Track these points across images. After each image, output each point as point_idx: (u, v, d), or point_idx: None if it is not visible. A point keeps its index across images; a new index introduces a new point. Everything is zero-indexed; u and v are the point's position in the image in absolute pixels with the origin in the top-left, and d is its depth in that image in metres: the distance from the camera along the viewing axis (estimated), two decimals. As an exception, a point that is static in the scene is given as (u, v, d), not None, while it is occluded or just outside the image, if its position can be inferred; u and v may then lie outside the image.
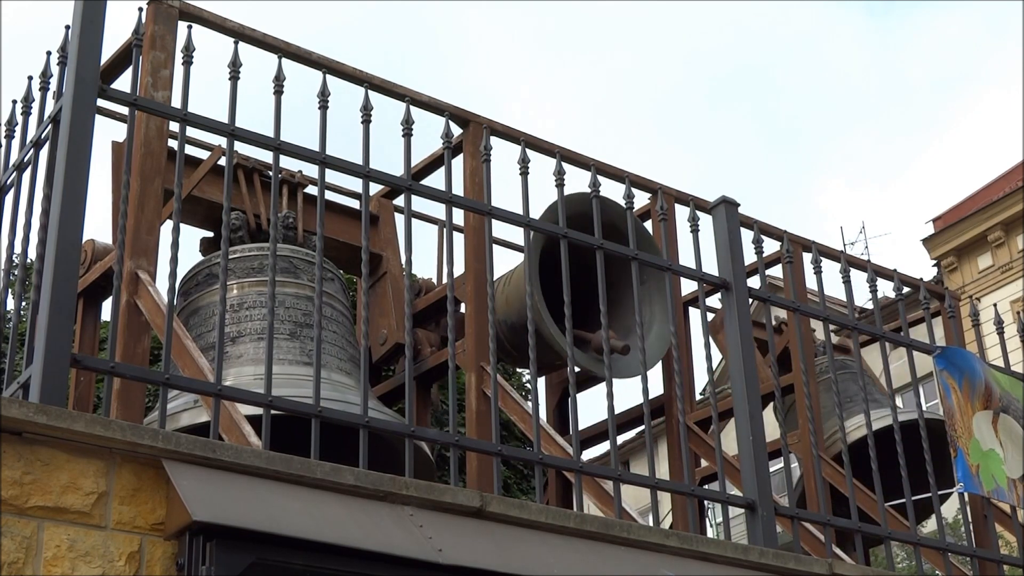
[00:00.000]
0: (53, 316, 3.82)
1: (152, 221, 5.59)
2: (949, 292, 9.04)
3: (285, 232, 6.47)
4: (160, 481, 3.65)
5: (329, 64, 6.14)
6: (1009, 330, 6.40)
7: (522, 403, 6.19)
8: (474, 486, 5.94)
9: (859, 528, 5.37)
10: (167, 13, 5.89)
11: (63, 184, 3.99)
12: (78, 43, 4.19)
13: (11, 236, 4.51)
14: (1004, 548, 9.93)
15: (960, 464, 5.67)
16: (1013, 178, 24.39)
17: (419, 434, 4.49)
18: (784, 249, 5.84)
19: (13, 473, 3.43)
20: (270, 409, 4.20)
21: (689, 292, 7.94)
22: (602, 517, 4.69)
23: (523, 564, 4.01)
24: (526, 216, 4.97)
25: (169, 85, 5.73)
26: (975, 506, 7.30)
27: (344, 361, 6.25)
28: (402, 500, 4.00)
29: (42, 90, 4.57)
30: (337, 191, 7.24)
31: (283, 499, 3.74)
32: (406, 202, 4.80)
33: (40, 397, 3.69)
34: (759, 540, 4.88)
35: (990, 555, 5.84)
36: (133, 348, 5.42)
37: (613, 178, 6.97)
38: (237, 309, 6.11)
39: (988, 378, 5.97)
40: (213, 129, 4.46)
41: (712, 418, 5.22)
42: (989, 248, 24.09)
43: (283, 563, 3.55)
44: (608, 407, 4.93)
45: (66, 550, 3.43)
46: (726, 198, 5.50)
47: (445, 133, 4.97)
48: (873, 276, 5.93)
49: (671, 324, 5.34)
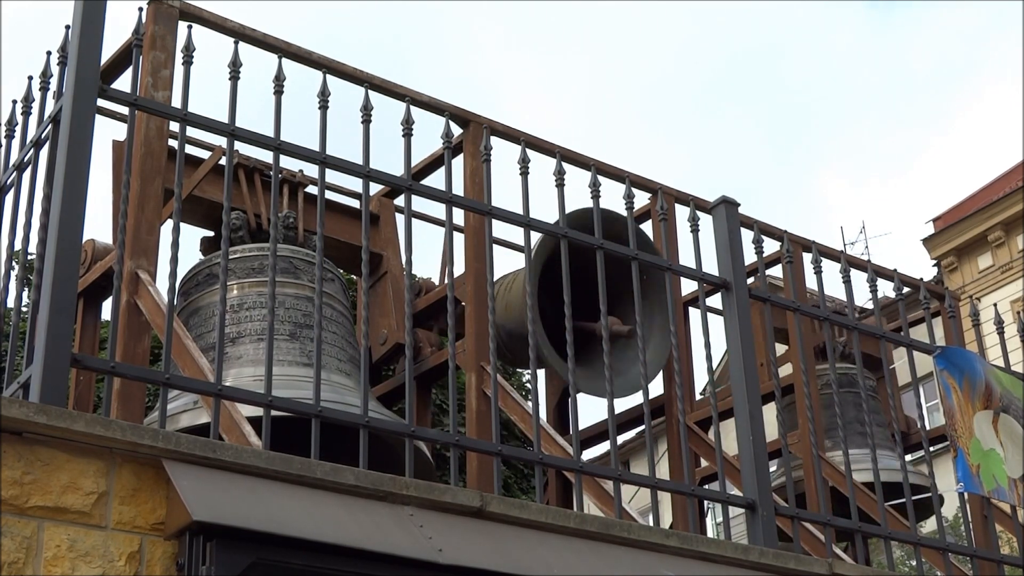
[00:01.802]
0: (53, 316, 3.82)
1: (152, 221, 5.59)
2: (949, 292, 9.04)
3: (285, 232, 6.47)
4: (160, 481, 3.65)
5: (329, 64, 6.14)
6: (1009, 330, 6.40)
7: (522, 403, 6.19)
8: (474, 486, 5.94)
9: (859, 528, 5.37)
10: (167, 13, 5.90)
11: (63, 184, 4.00)
12: (78, 43, 4.19)
13: (11, 236, 4.52)
14: (1005, 548, 9.94)
15: (960, 464, 5.67)
16: (1013, 178, 24.39)
17: (419, 434, 4.49)
18: (784, 249, 5.84)
19: (13, 473, 3.43)
20: (270, 409, 4.20)
21: (689, 292, 7.94)
22: (602, 517, 4.69)
23: (523, 564, 4.01)
24: (526, 216, 4.97)
25: (169, 85, 5.74)
26: (975, 506, 7.30)
27: (344, 362, 6.25)
28: (402, 500, 4.00)
29: (42, 90, 4.58)
30: (337, 191, 7.24)
31: (283, 499, 3.74)
32: (406, 202, 4.80)
33: (40, 397, 3.70)
34: (759, 540, 4.88)
35: (990, 555, 5.84)
36: (133, 348, 5.42)
37: (613, 178, 6.97)
38: (237, 310, 6.11)
39: (989, 377, 5.97)
40: (213, 129, 4.46)
41: (712, 418, 5.22)
42: (989, 248, 24.09)
43: (283, 563, 3.55)
44: (608, 407, 4.93)
45: (66, 550, 3.43)
46: (726, 198, 5.50)
47: (445, 133, 4.98)
48: (873, 276, 5.93)
49: (671, 324, 5.34)
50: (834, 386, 5.63)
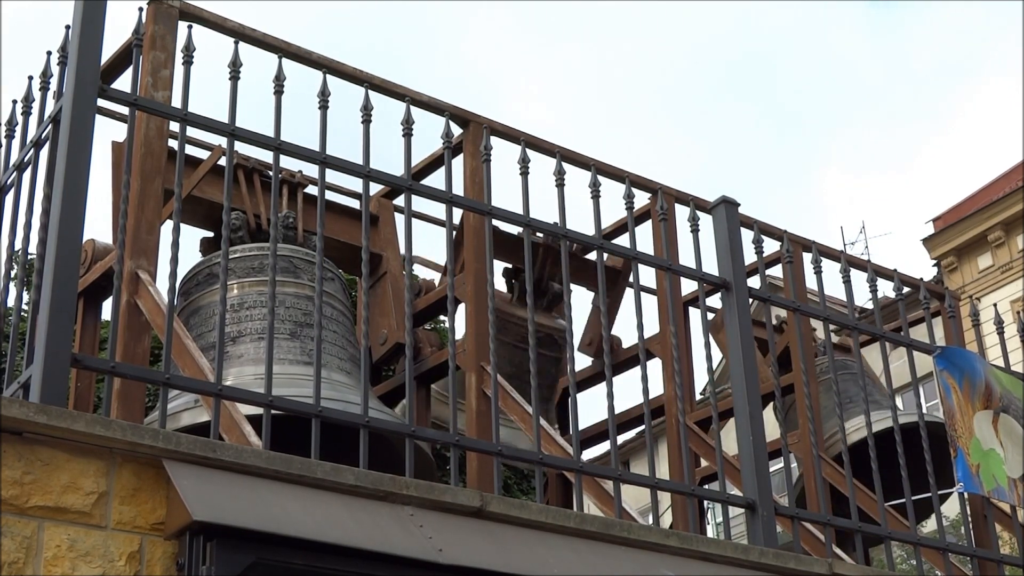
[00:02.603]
0: (53, 316, 3.82)
1: (152, 221, 5.58)
2: (949, 292, 9.03)
3: (285, 232, 6.47)
4: (160, 481, 3.65)
5: (329, 64, 6.14)
6: (1009, 330, 6.40)
7: (522, 403, 6.19)
8: (474, 486, 5.94)
9: (859, 528, 5.37)
10: (167, 13, 5.89)
11: (63, 184, 4.00)
12: (78, 43, 4.19)
13: (11, 236, 4.52)
14: (1005, 547, 9.93)
15: (960, 464, 5.67)
16: (1013, 178, 24.40)
17: (419, 434, 4.49)
18: (784, 249, 5.84)
19: (13, 473, 3.43)
20: (270, 409, 4.20)
21: (689, 292, 7.93)
22: (602, 517, 4.69)
23: (523, 564, 4.01)
24: (526, 216, 4.97)
25: (169, 85, 5.73)
26: (975, 506, 7.29)
27: (344, 361, 6.25)
28: (402, 500, 4.00)
29: (42, 90, 4.58)
30: (337, 191, 7.24)
31: (283, 499, 3.74)
32: (406, 202, 4.80)
33: (40, 397, 3.70)
34: (759, 540, 4.88)
35: (990, 555, 5.84)
36: (133, 348, 5.42)
37: (613, 178, 6.96)
38: (237, 309, 6.10)
39: (989, 377, 5.97)
40: (213, 129, 4.46)
41: (712, 418, 5.22)
42: (989, 248, 24.10)
43: (283, 563, 3.55)
44: (608, 407, 4.93)
45: (66, 550, 3.43)
46: (726, 198, 5.50)
47: (445, 133, 4.98)
48: (873, 276, 5.93)
49: (671, 324, 5.34)
50: (832, 372, 5.63)
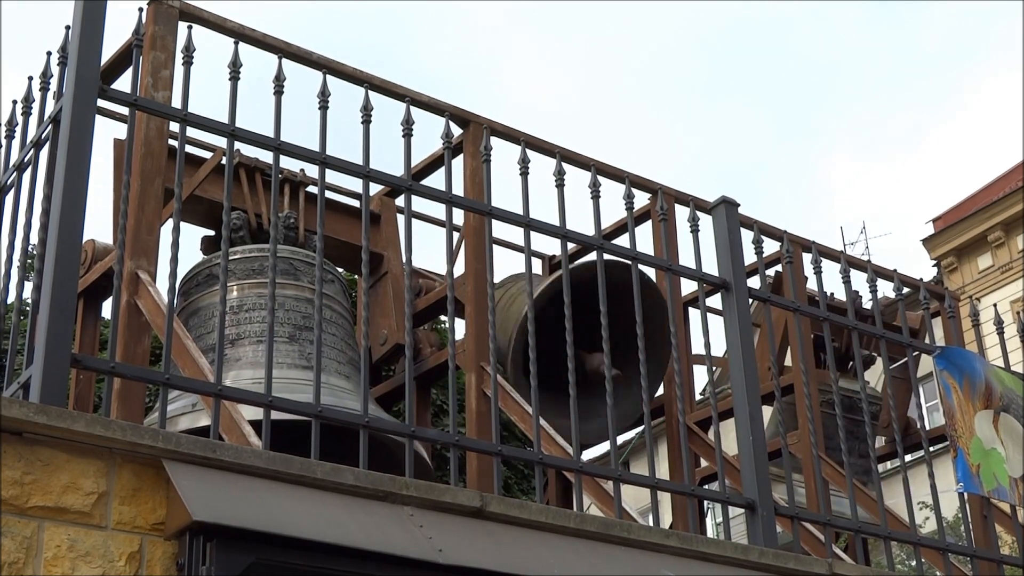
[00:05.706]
0: (53, 316, 3.82)
1: (152, 221, 5.59)
2: (949, 292, 9.04)
3: (286, 232, 6.46)
4: (160, 481, 3.65)
5: (329, 64, 6.14)
6: (1009, 330, 6.40)
7: (522, 403, 6.19)
8: (474, 486, 5.94)
9: (859, 528, 5.37)
10: (167, 13, 5.89)
11: (63, 184, 4.00)
12: (78, 43, 4.19)
13: (11, 236, 4.52)
14: (1005, 548, 9.94)
15: (960, 464, 5.67)
16: (1013, 178, 24.40)
17: (419, 434, 4.49)
18: (784, 249, 5.84)
19: (13, 473, 3.43)
20: (270, 409, 4.20)
21: (689, 292, 7.94)
22: (602, 517, 4.69)
23: (523, 564, 4.01)
24: (526, 216, 4.97)
25: (169, 85, 5.74)
26: (975, 506, 7.29)
27: (343, 364, 6.24)
28: (402, 500, 4.00)
29: (42, 90, 4.57)
30: (338, 191, 7.24)
31: (283, 499, 3.74)
32: (406, 202, 4.80)
33: (40, 397, 3.70)
34: (759, 540, 4.88)
35: (990, 555, 5.84)
36: (133, 348, 5.42)
37: (613, 178, 6.96)
38: (237, 311, 6.10)
39: (989, 377, 5.97)
40: (213, 129, 4.46)
41: (712, 418, 5.22)
42: (989, 248, 24.10)
43: (283, 563, 3.55)
44: (608, 407, 4.93)
45: (66, 550, 3.43)
46: (726, 198, 5.50)
47: (445, 133, 4.98)
48: (873, 276, 5.93)
49: (671, 324, 5.34)
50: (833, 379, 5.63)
